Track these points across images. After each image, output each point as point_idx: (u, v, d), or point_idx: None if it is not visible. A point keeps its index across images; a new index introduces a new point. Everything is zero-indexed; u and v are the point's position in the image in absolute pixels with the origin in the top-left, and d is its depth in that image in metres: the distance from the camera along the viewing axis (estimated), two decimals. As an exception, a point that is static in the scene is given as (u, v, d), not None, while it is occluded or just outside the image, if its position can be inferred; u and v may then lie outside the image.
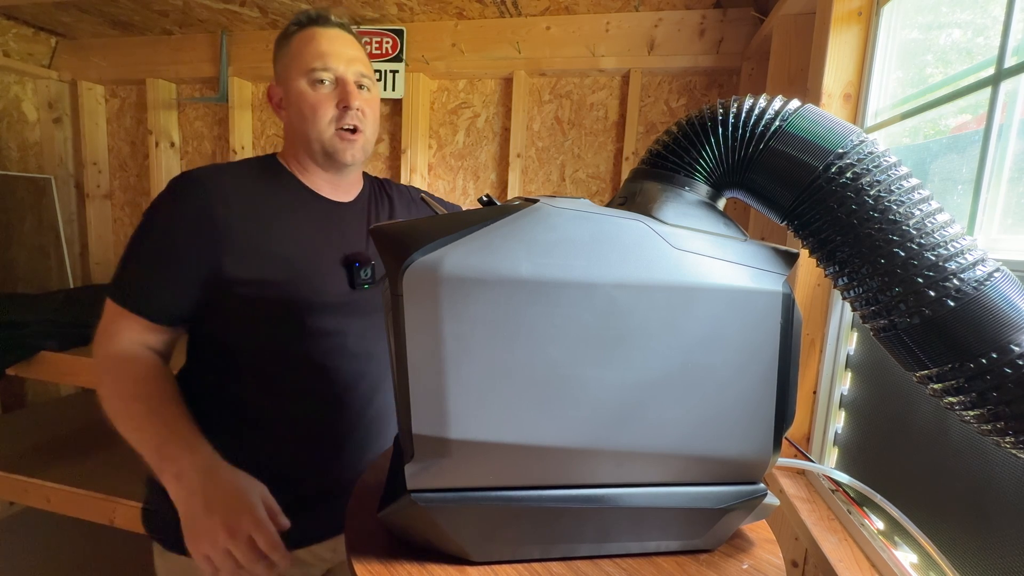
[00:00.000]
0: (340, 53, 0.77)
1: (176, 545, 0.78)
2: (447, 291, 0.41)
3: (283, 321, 0.74)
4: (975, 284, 0.40)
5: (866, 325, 0.47)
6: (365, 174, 0.92)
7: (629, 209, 0.49)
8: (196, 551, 0.60)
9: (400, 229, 0.43)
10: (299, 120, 0.78)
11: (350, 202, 0.85)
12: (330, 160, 0.79)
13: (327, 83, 0.77)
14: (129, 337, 0.72)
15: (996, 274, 0.40)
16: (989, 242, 0.68)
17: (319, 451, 0.79)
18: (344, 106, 0.77)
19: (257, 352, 0.75)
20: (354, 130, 0.78)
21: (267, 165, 0.81)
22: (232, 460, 0.77)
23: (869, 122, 0.97)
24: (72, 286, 2.23)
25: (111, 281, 0.74)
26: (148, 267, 0.72)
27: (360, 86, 0.79)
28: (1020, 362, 0.38)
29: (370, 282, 0.80)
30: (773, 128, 0.47)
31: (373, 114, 0.81)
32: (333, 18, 0.80)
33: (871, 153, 0.45)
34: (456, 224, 0.43)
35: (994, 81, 0.68)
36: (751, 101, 0.49)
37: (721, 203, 0.53)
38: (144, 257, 0.72)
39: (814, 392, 1.07)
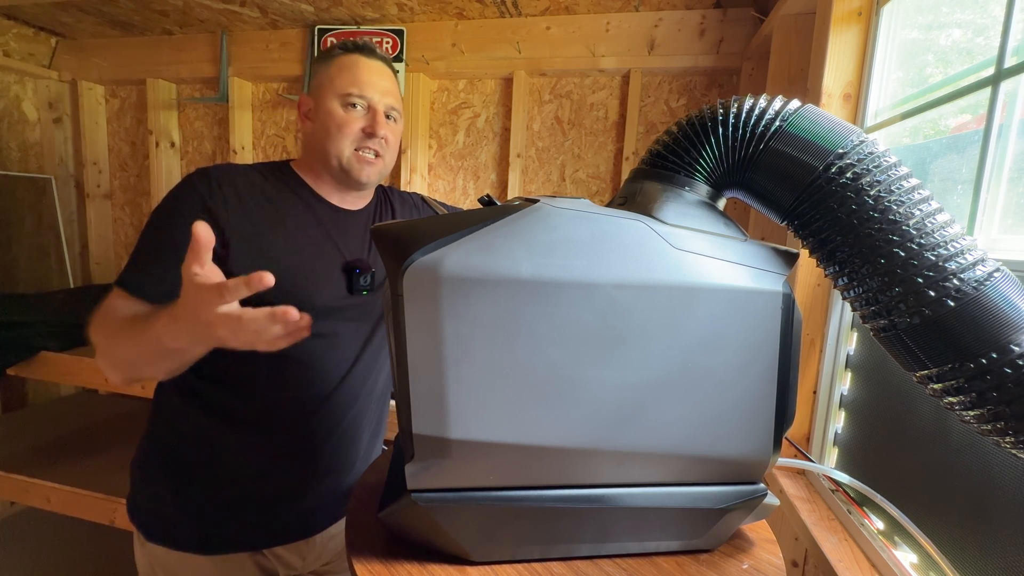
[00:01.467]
0: (376, 84, 0.81)
1: (155, 535, 0.79)
2: (447, 291, 0.42)
3: None
4: (975, 284, 0.40)
5: (866, 325, 0.47)
6: None
7: (629, 209, 0.49)
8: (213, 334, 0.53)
9: (400, 229, 0.43)
10: (323, 134, 0.80)
11: (357, 210, 0.88)
12: (345, 177, 0.82)
13: (358, 108, 0.80)
14: (123, 314, 0.71)
15: (996, 274, 0.40)
16: (989, 242, 0.68)
17: (291, 452, 0.79)
18: (370, 133, 0.80)
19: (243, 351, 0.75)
20: (375, 155, 0.82)
21: (279, 170, 0.84)
22: (205, 454, 0.78)
23: (869, 122, 0.97)
24: (72, 286, 2.23)
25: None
26: (149, 250, 0.72)
27: (388, 116, 0.83)
28: (1020, 362, 0.38)
29: (368, 288, 0.82)
30: (773, 128, 0.47)
31: (395, 143, 0.86)
32: (378, 51, 0.84)
33: (871, 153, 0.45)
34: (456, 224, 0.43)
35: (994, 81, 0.68)
36: (751, 101, 0.49)
37: (721, 203, 0.53)
38: (147, 241, 0.73)
39: (814, 392, 1.07)
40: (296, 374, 0.77)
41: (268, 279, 0.48)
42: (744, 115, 0.49)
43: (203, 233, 0.49)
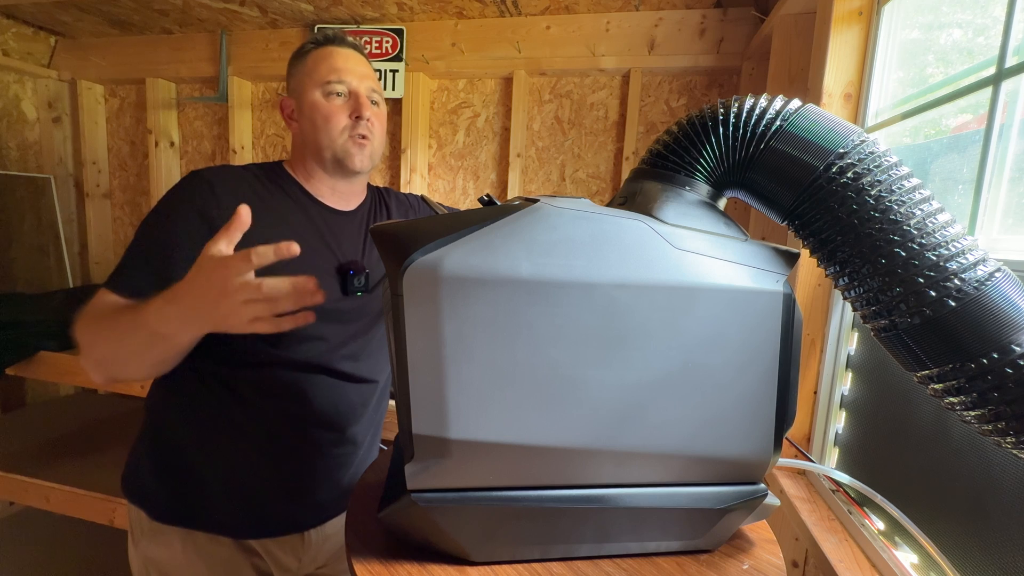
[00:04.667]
0: (354, 69, 0.82)
1: (163, 513, 0.78)
2: (447, 291, 0.41)
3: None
4: (976, 284, 0.40)
5: (867, 325, 0.47)
6: (368, 184, 0.94)
7: (629, 209, 0.49)
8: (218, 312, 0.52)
9: (400, 229, 0.43)
10: (311, 129, 0.81)
11: (351, 211, 0.87)
12: (340, 166, 0.82)
13: (341, 95, 0.81)
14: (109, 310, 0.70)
15: (997, 274, 0.40)
16: (990, 242, 0.68)
17: (287, 452, 0.80)
18: (356, 116, 0.81)
19: (240, 347, 0.76)
20: (363, 137, 0.82)
21: (272, 171, 0.84)
22: (199, 446, 0.78)
23: (870, 122, 0.97)
24: (72, 286, 2.23)
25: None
26: (140, 253, 0.72)
27: (371, 100, 0.83)
28: (1021, 362, 0.38)
29: (363, 290, 0.82)
30: (774, 128, 0.47)
31: (381, 127, 0.86)
32: (348, 39, 0.85)
33: (872, 153, 0.45)
34: (456, 224, 0.43)
35: (995, 81, 0.68)
36: (752, 101, 0.49)
37: (722, 203, 0.53)
38: (139, 244, 0.73)
39: (815, 392, 1.07)
40: (293, 377, 0.77)
41: (295, 248, 0.51)
42: (744, 115, 0.48)
43: (244, 216, 0.52)
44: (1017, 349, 0.38)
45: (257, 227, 0.74)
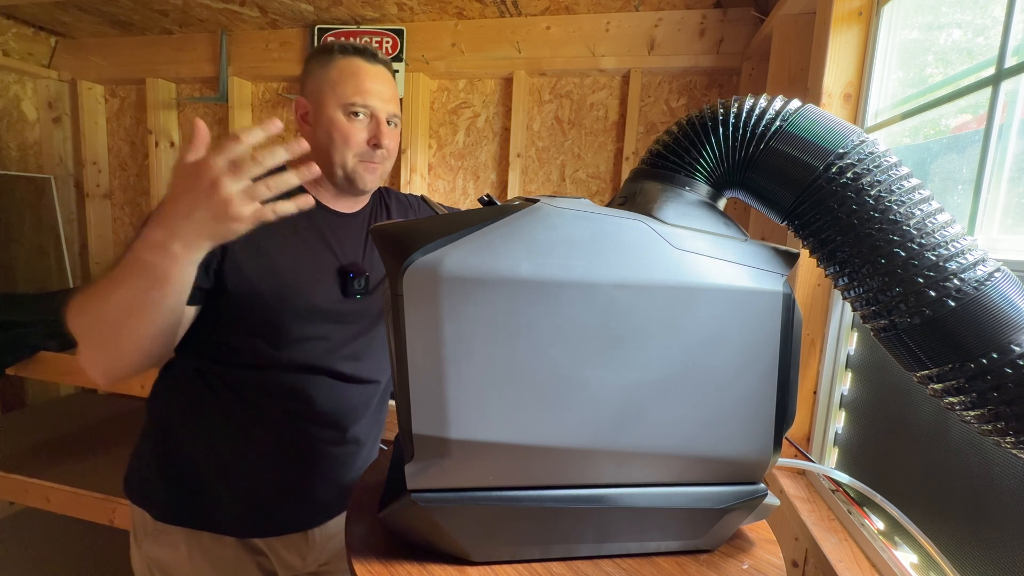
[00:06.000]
0: (380, 92, 0.81)
1: (167, 514, 0.78)
2: (447, 291, 0.41)
3: (269, 321, 0.75)
4: (975, 284, 0.40)
5: (866, 325, 0.47)
6: None
7: (629, 209, 0.49)
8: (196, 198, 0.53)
9: (400, 229, 0.43)
10: (327, 142, 0.80)
11: (353, 213, 0.87)
12: (349, 184, 0.82)
13: (361, 116, 0.80)
14: None
15: (996, 274, 0.40)
16: (989, 242, 0.68)
17: (288, 451, 0.80)
18: (375, 144, 0.80)
19: (241, 348, 0.76)
20: (377, 162, 0.82)
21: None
22: (203, 446, 0.78)
23: (869, 122, 0.97)
24: (72, 286, 2.23)
25: None
26: None
27: (389, 123, 0.83)
28: (1020, 362, 0.38)
29: (363, 292, 0.82)
30: (774, 128, 0.47)
31: (395, 149, 0.85)
32: (379, 55, 0.84)
33: (871, 153, 0.45)
34: (456, 224, 0.43)
35: (994, 81, 0.68)
36: (751, 101, 0.49)
37: (721, 203, 0.53)
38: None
39: (814, 392, 1.07)
40: (295, 378, 0.77)
41: (277, 123, 0.55)
42: (744, 115, 0.48)
43: (202, 130, 0.54)
44: (1016, 349, 0.38)
45: (260, 228, 0.74)
